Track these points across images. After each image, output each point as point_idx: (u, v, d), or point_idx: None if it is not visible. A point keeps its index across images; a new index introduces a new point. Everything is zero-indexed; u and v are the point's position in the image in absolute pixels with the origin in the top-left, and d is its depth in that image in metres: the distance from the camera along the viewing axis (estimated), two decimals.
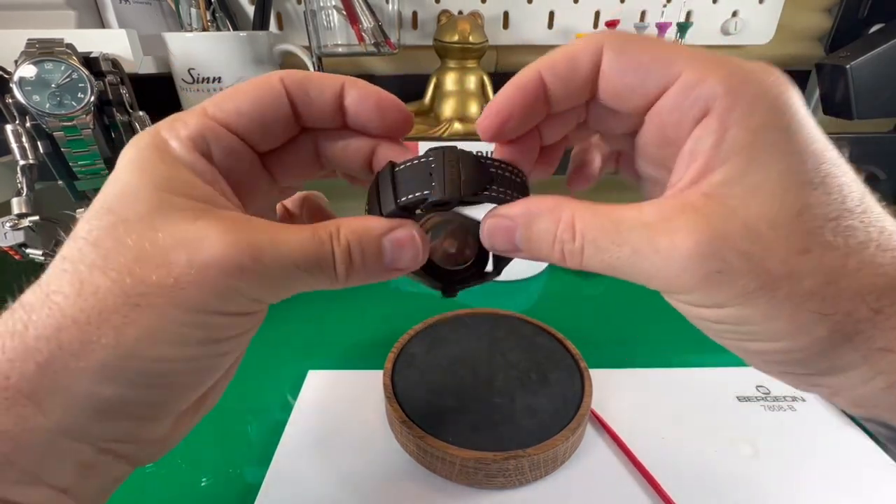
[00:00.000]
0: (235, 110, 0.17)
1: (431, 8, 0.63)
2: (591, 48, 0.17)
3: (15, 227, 0.42)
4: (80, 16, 0.56)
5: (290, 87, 0.18)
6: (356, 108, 0.19)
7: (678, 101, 0.16)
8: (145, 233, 0.15)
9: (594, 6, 0.63)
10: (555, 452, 0.30)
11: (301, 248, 0.16)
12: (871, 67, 0.52)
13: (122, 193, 0.16)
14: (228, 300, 0.15)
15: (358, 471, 0.32)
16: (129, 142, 0.17)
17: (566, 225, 0.16)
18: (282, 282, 0.16)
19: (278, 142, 0.19)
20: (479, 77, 0.61)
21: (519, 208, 0.17)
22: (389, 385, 0.35)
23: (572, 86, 0.17)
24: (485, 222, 0.18)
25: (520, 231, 0.17)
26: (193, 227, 0.15)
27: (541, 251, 0.17)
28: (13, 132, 0.41)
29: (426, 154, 0.18)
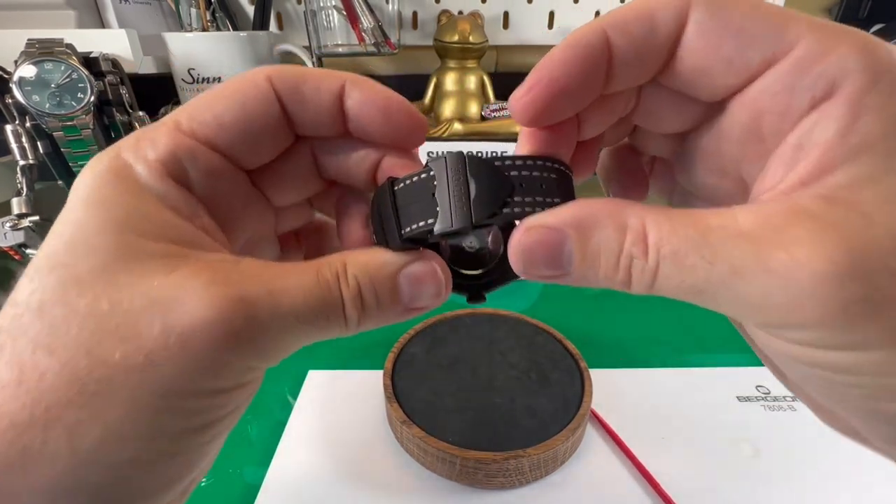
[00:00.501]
0: (215, 121, 0.14)
1: (431, 8, 0.63)
2: (675, 3, 0.13)
3: (15, 228, 0.42)
4: (80, 16, 0.56)
5: (280, 87, 0.15)
6: (359, 113, 0.15)
7: (790, 80, 0.12)
8: (104, 293, 0.12)
9: (594, 6, 0.63)
10: (555, 452, 0.30)
11: (304, 296, 0.13)
12: None
13: (72, 240, 0.12)
14: (217, 375, 0.12)
15: (358, 471, 0.32)
16: (83, 168, 0.13)
17: (636, 235, 0.12)
18: (283, 341, 0.13)
19: (269, 155, 0.16)
20: (479, 77, 0.61)
21: (567, 214, 0.13)
22: (389, 385, 0.35)
23: (646, 53, 0.13)
24: (515, 238, 0.13)
25: (570, 246, 0.13)
26: (168, 282, 0.12)
27: (597, 272, 0.13)
28: (13, 132, 0.41)
29: (427, 166, 0.15)
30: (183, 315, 0.11)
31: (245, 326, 0.12)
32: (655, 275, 0.12)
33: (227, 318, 0.12)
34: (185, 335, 0.11)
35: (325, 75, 0.15)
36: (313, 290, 0.13)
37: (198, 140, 0.14)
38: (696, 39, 0.13)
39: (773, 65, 0.12)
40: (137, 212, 0.13)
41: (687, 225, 0.12)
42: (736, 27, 0.12)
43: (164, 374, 0.11)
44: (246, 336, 0.12)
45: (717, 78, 0.13)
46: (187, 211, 0.14)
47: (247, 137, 0.15)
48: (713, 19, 0.12)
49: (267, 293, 0.13)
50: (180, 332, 0.11)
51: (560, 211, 0.13)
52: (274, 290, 0.13)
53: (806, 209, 0.11)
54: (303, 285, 0.13)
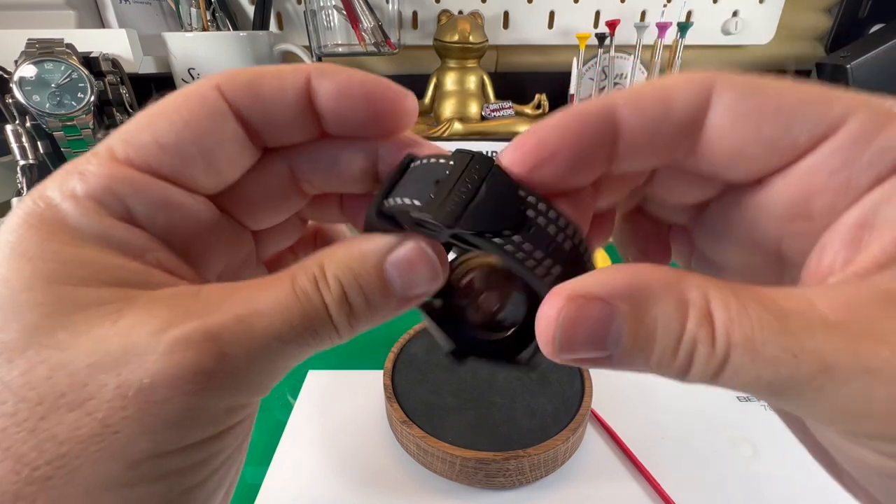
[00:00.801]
0: (155, 144, 0.12)
1: (431, 8, 0.63)
2: (695, 86, 0.12)
3: None
4: (80, 16, 0.56)
5: (233, 95, 0.13)
6: (335, 107, 0.13)
7: (848, 155, 0.11)
8: (41, 358, 0.10)
9: (594, 6, 0.63)
10: (555, 452, 0.30)
11: (281, 314, 0.11)
12: (872, 67, 0.52)
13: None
14: (193, 426, 0.10)
15: (358, 471, 0.32)
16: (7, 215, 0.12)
17: (701, 314, 0.10)
18: (268, 370, 0.11)
19: (231, 175, 0.14)
20: (479, 77, 0.61)
21: (616, 282, 0.10)
22: (389, 385, 0.35)
23: (659, 134, 0.12)
24: (549, 310, 0.11)
25: (619, 322, 0.10)
26: (116, 332, 0.10)
27: (649, 357, 0.10)
28: (13, 132, 0.41)
29: (452, 155, 0.13)
30: (138, 368, 0.10)
31: (217, 365, 0.10)
32: (723, 366, 0.10)
33: (193, 361, 0.10)
34: (145, 390, 0.10)
35: (284, 71, 0.13)
36: (291, 304, 0.11)
37: (135, 167, 0.12)
38: (728, 123, 0.12)
39: (823, 142, 0.11)
40: (70, 258, 0.11)
41: (759, 304, 0.10)
42: (773, 108, 0.11)
43: (127, 439, 0.10)
44: (220, 375, 0.10)
45: (757, 161, 0.12)
46: (134, 248, 0.12)
47: (196, 159, 0.12)
48: (745, 102, 0.11)
49: (236, 320, 0.11)
50: (139, 389, 0.10)
51: (604, 277, 0.11)
52: (244, 315, 0.11)
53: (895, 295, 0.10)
54: (278, 301, 0.11)
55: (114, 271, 0.11)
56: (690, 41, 0.58)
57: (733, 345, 0.10)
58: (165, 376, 0.10)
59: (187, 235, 0.13)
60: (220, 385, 0.10)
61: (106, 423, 0.10)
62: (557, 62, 0.66)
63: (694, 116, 0.12)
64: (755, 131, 0.11)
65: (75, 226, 0.11)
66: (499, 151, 0.14)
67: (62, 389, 0.10)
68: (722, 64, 0.68)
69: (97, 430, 0.09)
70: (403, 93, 0.14)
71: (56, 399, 0.10)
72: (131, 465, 0.10)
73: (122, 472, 0.10)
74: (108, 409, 0.10)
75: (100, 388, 0.10)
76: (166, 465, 0.10)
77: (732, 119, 0.11)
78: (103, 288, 0.11)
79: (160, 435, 0.10)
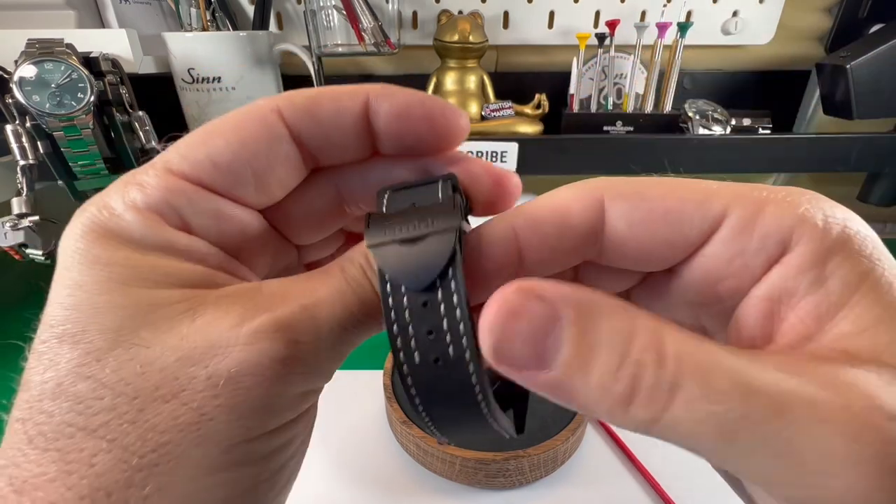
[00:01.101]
0: (209, 161, 0.13)
1: (431, 8, 0.63)
2: (586, 201, 0.12)
3: (15, 227, 0.42)
4: (80, 16, 0.56)
5: (292, 118, 0.13)
6: (396, 128, 0.13)
7: (736, 247, 0.12)
8: (130, 356, 0.10)
9: (594, 6, 0.63)
10: (555, 452, 0.30)
11: (340, 301, 0.12)
12: (872, 67, 0.52)
13: (76, 305, 0.11)
14: (274, 411, 0.11)
15: (358, 471, 0.32)
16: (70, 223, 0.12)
17: (650, 337, 0.09)
18: (331, 353, 0.12)
19: (280, 193, 0.14)
20: (479, 77, 0.61)
21: (566, 288, 0.10)
22: (389, 385, 0.35)
23: (560, 248, 0.13)
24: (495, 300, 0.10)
25: (562, 329, 0.09)
26: (197, 329, 0.11)
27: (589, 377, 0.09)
28: (13, 132, 0.41)
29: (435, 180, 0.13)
30: (225, 359, 0.11)
31: (291, 352, 0.11)
32: (672, 397, 0.09)
33: (271, 349, 0.11)
34: (233, 379, 0.11)
35: (342, 93, 0.13)
36: (346, 292, 0.12)
37: (190, 181, 0.13)
38: (624, 229, 0.12)
39: (713, 234, 0.12)
40: (140, 264, 0.11)
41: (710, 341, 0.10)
42: (662, 212, 0.12)
43: (221, 425, 0.10)
44: (294, 361, 0.11)
45: (659, 256, 0.13)
46: (195, 254, 0.13)
47: (248, 178, 0.13)
48: (636, 210, 0.12)
49: (301, 310, 0.12)
50: (227, 378, 0.10)
51: (555, 283, 0.10)
52: (307, 305, 0.12)
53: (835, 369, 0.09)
54: (334, 290, 0.12)
55: (181, 274, 0.12)
56: (690, 41, 0.58)
57: (684, 372, 0.09)
58: (249, 365, 0.11)
59: (238, 243, 0.14)
60: (294, 370, 0.11)
61: (202, 412, 0.10)
62: (557, 62, 0.66)
63: (592, 228, 0.13)
64: (651, 234, 0.12)
65: (140, 235, 0.12)
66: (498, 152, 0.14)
67: (155, 383, 0.10)
68: (722, 64, 0.68)
69: (194, 419, 0.10)
70: (459, 112, 0.14)
71: (151, 392, 0.10)
72: (227, 449, 0.11)
73: (219, 457, 0.10)
74: (202, 399, 0.10)
75: (190, 379, 0.10)
76: (255, 450, 0.11)
77: (628, 226, 0.12)
78: (174, 289, 0.11)
79: (249, 420, 0.11)
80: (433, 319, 0.11)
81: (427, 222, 0.11)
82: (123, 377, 0.10)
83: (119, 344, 0.11)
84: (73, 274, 0.11)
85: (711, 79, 0.68)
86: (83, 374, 0.10)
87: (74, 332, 0.11)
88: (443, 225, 0.11)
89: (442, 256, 0.11)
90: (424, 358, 0.11)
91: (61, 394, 0.10)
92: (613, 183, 0.13)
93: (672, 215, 0.12)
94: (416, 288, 0.11)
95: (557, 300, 0.10)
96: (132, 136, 0.47)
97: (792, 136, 0.62)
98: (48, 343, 0.11)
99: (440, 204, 0.12)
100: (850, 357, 0.10)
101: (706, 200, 0.12)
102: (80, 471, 0.10)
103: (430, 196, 0.13)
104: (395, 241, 0.11)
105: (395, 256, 0.11)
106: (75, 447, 0.10)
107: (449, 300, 0.11)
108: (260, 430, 0.11)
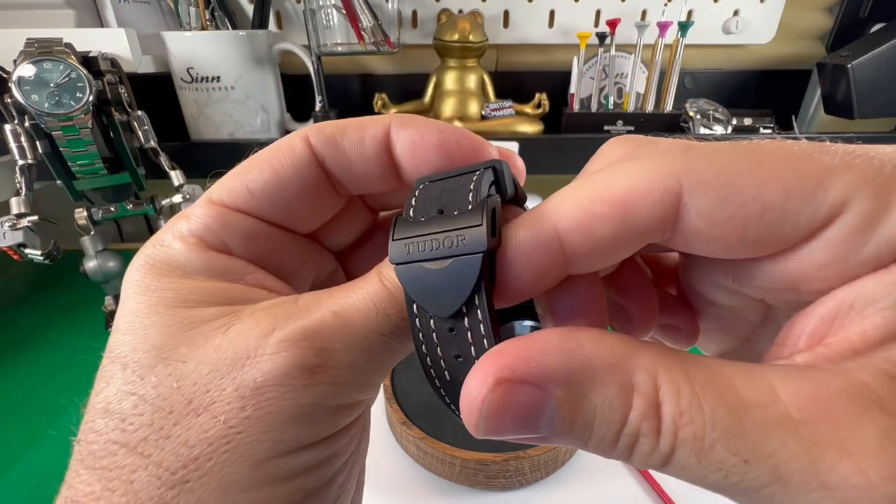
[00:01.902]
0: (246, 190, 0.13)
1: (431, 7, 0.63)
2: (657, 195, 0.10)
3: (14, 227, 0.42)
4: (80, 15, 0.56)
5: (318, 147, 0.13)
6: (412, 158, 0.13)
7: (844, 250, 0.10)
8: (169, 371, 0.11)
9: (595, 5, 0.63)
10: (555, 453, 0.30)
11: (376, 306, 0.11)
12: (873, 67, 0.51)
13: (128, 328, 0.12)
14: (308, 422, 0.11)
15: None
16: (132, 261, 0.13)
17: (647, 404, 0.09)
18: (369, 363, 0.12)
19: (315, 221, 0.15)
20: (479, 76, 0.61)
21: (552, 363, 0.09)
22: (389, 385, 0.35)
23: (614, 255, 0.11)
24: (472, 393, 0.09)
25: (553, 408, 0.09)
26: (229, 340, 0.11)
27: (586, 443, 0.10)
28: (12, 132, 0.41)
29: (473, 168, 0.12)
30: (251, 369, 0.10)
31: (320, 360, 0.11)
32: (667, 461, 0.09)
33: (297, 357, 0.11)
34: (259, 389, 0.10)
35: (366, 122, 0.13)
36: (382, 295, 0.12)
37: (228, 208, 0.13)
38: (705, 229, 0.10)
39: (820, 232, 0.10)
40: (183, 287, 0.12)
41: (715, 394, 0.09)
42: (759, 208, 0.10)
43: (250, 438, 0.10)
44: (324, 370, 0.11)
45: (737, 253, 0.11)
46: (234, 273, 0.13)
47: (283, 203, 0.14)
48: (725, 206, 0.10)
49: (332, 316, 0.11)
50: (253, 388, 0.10)
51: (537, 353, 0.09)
52: (338, 311, 0.11)
53: (869, 391, 0.08)
54: (370, 295, 0.12)
55: (220, 293, 0.12)
56: (691, 40, 0.57)
57: (680, 443, 0.09)
58: (275, 374, 0.10)
59: (277, 260, 0.14)
60: (325, 380, 0.11)
61: (230, 425, 0.10)
62: (558, 61, 0.66)
63: (660, 226, 0.10)
64: (739, 235, 0.10)
65: (185, 261, 0.13)
66: None
67: (189, 397, 0.10)
68: (723, 63, 0.67)
69: (223, 432, 0.10)
70: (477, 142, 0.13)
71: (184, 406, 0.10)
72: (256, 464, 0.10)
73: (249, 473, 0.10)
74: (230, 411, 0.10)
75: (220, 392, 0.10)
76: (288, 466, 0.11)
77: (709, 225, 0.10)
78: (213, 307, 0.12)
79: (278, 433, 0.10)
80: (461, 346, 0.11)
81: (451, 240, 0.10)
82: (161, 392, 0.11)
83: (160, 360, 0.11)
84: (129, 303, 0.12)
85: (712, 78, 0.68)
86: (128, 392, 0.11)
87: (126, 353, 0.11)
88: (468, 246, 0.10)
89: (466, 286, 0.10)
90: (455, 377, 0.11)
91: (108, 412, 0.11)
92: (694, 164, 0.10)
93: (771, 213, 0.10)
94: (441, 315, 0.11)
95: (544, 381, 0.09)
96: (131, 136, 0.47)
97: (793, 136, 0.62)
98: (106, 367, 0.11)
99: (469, 212, 0.11)
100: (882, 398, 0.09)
101: (820, 187, 0.09)
102: (121, 488, 0.10)
103: (461, 195, 0.11)
104: (417, 260, 0.11)
105: (418, 279, 0.11)
106: (118, 465, 0.10)
107: (476, 329, 0.10)
108: (291, 444, 0.11)
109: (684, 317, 0.16)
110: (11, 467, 0.36)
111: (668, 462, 0.09)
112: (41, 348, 0.49)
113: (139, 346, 0.11)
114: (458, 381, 0.10)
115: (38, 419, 0.40)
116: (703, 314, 0.15)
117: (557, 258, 0.11)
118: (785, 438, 0.08)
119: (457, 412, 0.11)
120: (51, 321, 0.53)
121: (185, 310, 0.12)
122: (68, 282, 0.59)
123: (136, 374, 0.11)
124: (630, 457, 0.09)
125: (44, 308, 0.55)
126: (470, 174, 0.12)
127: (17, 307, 0.56)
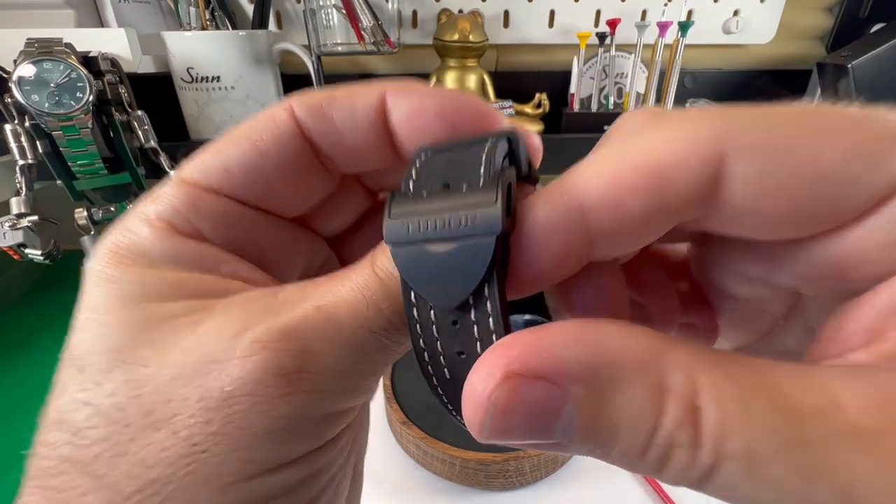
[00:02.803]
0: (221, 167, 0.11)
1: (431, 7, 0.63)
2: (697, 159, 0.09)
3: (14, 227, 0.42)
4: (80, 15, 0.56)
5: (303, 118, 0.12)
6: (410, 129, 0.12)
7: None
8: (128, 376, 0.09)
9: (595, 5, 0.63)
10: (555, 453, 0.30)
11: (365, 297, 0.10)
12: (873, 67, 0.51)
13: (86, 326, 0.10)
14: (287, 437, 0.09)
15: None
16: None
17: (683, 409, 0.08)
18: (359, 364, 0.10)
19: (307, 200, 0.13)
20: (479, 76, 0.61)
21: (573, 356, 0.08)
22: (389, 385, 0.35)
23: (645, 235, 0.09)
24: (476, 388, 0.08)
25: (571, 410, 0.08)
26: (196, 341, 0.09)
27: (609, 451, 0.08)
28: (12, 132, 0.41)
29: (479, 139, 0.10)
30: (219, 376, 0.09)
31: (300, 364, 0.09)
32: (709, 478, 0.07)
33: (272, 362, 0.09)
34: (228, 401, 0.09)
35: (357, 90, 0.12)
36: (374, 286, 0.10)
37: (201, 188, 0.12)
38: (750, 200, 0.09)
39: (880, 206, 0.08)
40: (148, 278, 0.10)
41: (767, 399, 0.07)
42: (812, 176, 0.08)
43: (216, 459, 0.09)
44: (306, 375, 0.09)
45: (785, 232, 0.09)
46: (207, 262, 0.11)
47: (264, 182, 0.12)
48: (775, 173, 0.08)
49: (315, 311, 0.10)
50: (220, 399, 0.09)
51: (555, 345, 0.08)
52: (324, 305, 0.10)
53: None
54: (360, 286, 0.10)
55: (190, 284, 0.11)
56: (691, 40, 0.57)
57: (726, 457, 0.07)
58: (244, 382, 0.09)
59: (259, 247, 0.12)
60: (306, 388, 0.09)
61: (192, 442, 0.09)
62: (558, 61, 0.66)
63: (700, 197, 0.09)
64: (789, 207, 0.09)
65: (150, 248, 0.11)
66: None
67: (148, 407, 0.09)
68: (723, 63, 0.67)
69: (184, 451, 0.09)
70: (483, 109, 0.11)
71: (143, 418, 0.09)
72: (222, 489, 0.09)
73: (214, 498, 0.09)
74: (194, 425, 0.09)
75: (183, 402, 0.09)
76: (261, 489, 0.09)
77: (756, 196, 0.09)
78: (181, 301, 0.10)
79: (251, 452, 0.09)
80: (465, 341, 0.09)
81: (460, 218, 0.09)
82: (117, 402, 0.09)
83: (118, 364, 0.09)
84: (88, 296, 0.10)
85: (712, 78, 0.68)
86: (82, 401, 0.09)
87: (82, 355, 0.10)
88: (479, 227, 0.09)
89: (475, 274, 0.09)
90: (456, 375, 0.10)
91: (61, 424, 0.09)
92: (738, 126, 0.09)
93: (828, 182, 0.08)
94: (445, 306, 0.09)
95: (563, 377, 0.08)
96: (131, 136, 0.47)
97: None
98: (63, 370, 0.10)
99: (481, 189, 0.09)
100: None
101: (886, 153, 0.08)
102: None
103: (472, 167, 0.10)
104: (417, 241, 0.09)
105: (417, 263, 0.09)
106: (68, 485, 0.09)
107: (484, 322, 0.09)
108: (264, 464, 0.09)
109: (701, 314, 0.14)
110: (11, 467, 0.36)
111: (709, 479, 0.08)
112: (41, 348, 0.49)
113: (97, 346, 0.10)
114: (459, 379, 0.09)
115: (38, 419, 0.40)
116: (719, 309, 0.14)
117: (581, 239, 0.09)
118: (854, 452, 0.07)
119: (455, 414, 0.10)
120: (51, 321, 0.53)
121: (148, 304, 0.10)
122: (68, 282, 0.59)
123: (91, 379, 0.09)
124: (662, 471, 0.08)
125: (44, 308, 0.55)
126: (481, 144, 0.10)
127: (17, 307, 0.56)
